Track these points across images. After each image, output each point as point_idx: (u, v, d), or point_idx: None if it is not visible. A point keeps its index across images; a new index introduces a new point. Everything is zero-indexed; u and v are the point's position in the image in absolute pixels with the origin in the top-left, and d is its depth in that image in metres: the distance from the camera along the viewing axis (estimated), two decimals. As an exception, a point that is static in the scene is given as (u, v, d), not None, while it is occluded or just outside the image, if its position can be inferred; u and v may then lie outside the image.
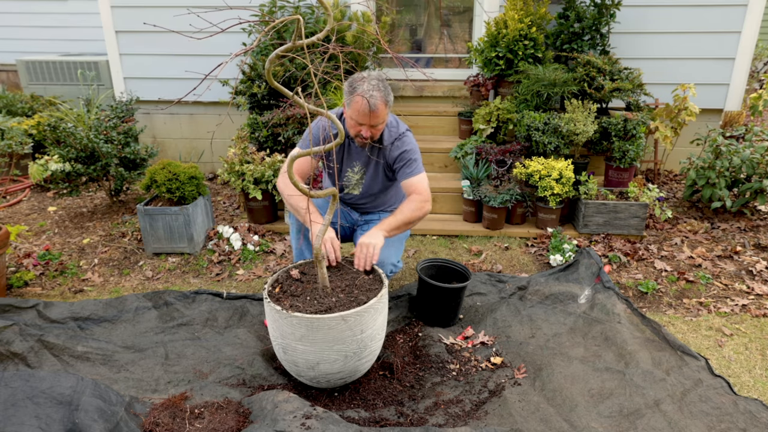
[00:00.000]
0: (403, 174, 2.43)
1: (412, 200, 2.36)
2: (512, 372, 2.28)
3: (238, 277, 3.17)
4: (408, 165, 2.41)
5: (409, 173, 2.41)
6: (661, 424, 1.96)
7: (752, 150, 3.63)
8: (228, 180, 3.64)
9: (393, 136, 2.43)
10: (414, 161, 2.42)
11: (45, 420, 1.66)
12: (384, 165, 2.49)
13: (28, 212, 4.18)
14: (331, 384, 2.10)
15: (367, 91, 2.18)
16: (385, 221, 2.33)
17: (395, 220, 2.31)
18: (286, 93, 1.71)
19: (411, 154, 2.42)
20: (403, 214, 2.33)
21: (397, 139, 2.43)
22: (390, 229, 2.31)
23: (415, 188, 2.38)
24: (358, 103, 2.20)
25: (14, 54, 6.18)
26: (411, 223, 2.35)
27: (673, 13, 4.29)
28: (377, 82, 2.22)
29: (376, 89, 2.19)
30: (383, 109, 2.22)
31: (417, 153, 2.45)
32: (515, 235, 3.67)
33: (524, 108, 3.95)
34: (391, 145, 2.43)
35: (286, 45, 1.59)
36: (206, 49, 3.97)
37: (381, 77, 2.26)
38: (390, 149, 2.43)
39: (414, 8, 5.10)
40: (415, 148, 2.46)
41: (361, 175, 2.56)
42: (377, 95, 2.18)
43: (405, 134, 2.46)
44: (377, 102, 2.18)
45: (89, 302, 2.67)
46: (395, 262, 2.46)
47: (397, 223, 2.31)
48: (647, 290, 2.95)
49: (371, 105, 2.16)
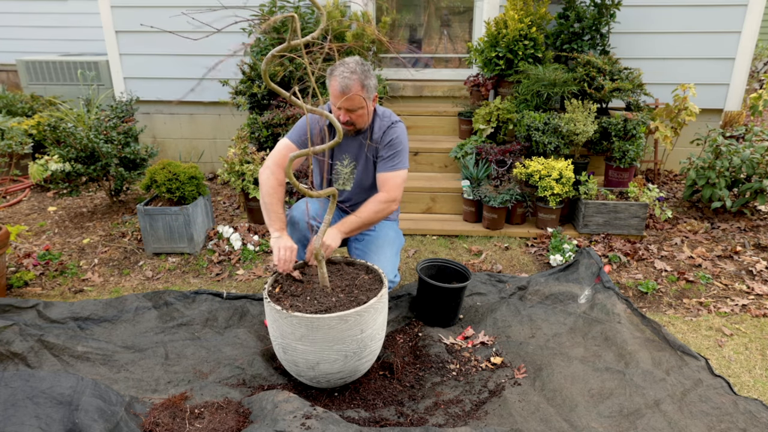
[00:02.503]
0: (381, 165, 2.35)
1: (377, 200, 2.31)
2: (512, 372, 2.28)
3: (238, 277, 3.17)
4: (390, 158, 2.34)
5: (388, 166, 2.34)
6: (661, 424, 1.96)
7: (752, 150, 3.63)
8: (228, 180, 3.64)
9: (385, 124, 2.38)
10: (397, 154, 2.35)
11: (45, 420, 1.66)
12: (374, 158, 2.43)
13: (28, 212, 4.18)
14: (331, 384, 2.10)
15: (342, 72, 2.14)
16: (346, 220, 2.28)
17: (356, 221, 2.27)
18: (283, 93, 1.71)
19: (397, 145, 2.35)
20: (364, 214, 2.28)
21: (389, 127, 2.38)
22: (349, 230, 2.28)
23: (386, 185, 2.32)
24: (332, 86, 2.17)
25: (14, 54, 6.18)
26: (372, 223, 2.33)
27: (673, 13, 4.29)
28: (354, 65, 2.18)
29: (351, 72, 2.15)
30: (358, 90, 2.16)
31: (404, 147, 2.38)
32: (515, 235, 3.67)
33: (524, 108, 3.95)
34: (382, 133, 2.37)
35: (282, 45, 1.59)
36: (207, 49, 3.97)
37: (360, 61, 2.21)
38: (381, 137, 2.38)
39: (414, 8, 5.10)
40: (404, 141, 2.39)
41: (352, 168, 2.48)
42: (352, 77, 2.14)
43: (396, 124, 2.40)
44: (351, 83, 2.13)
45: (89, 302, 2.67)
46: (392, 278, 2.38)
47: (358, 223, 2.27)
48: (647, 290, 2.95)
49: (343, 86, 2.13)
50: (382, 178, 2.34)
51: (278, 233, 2.23)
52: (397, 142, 2.35)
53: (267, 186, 2.29)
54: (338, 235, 2.24)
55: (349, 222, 2.28)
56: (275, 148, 2.40)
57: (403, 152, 2.37)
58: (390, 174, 2.33)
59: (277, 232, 2.24)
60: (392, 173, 2.33)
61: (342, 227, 2.26)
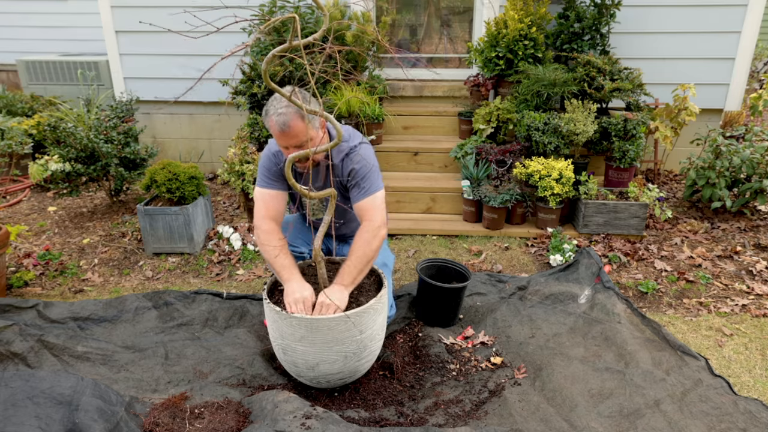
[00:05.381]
0: (354, 195, 2.16)
1: (363, 231, 2.09)
2: (512, 372, 2.28)
3: (238, 277, 3.17)
4: (358, 186, 2.14)
5: (360, 194, 2.14)
6: (661, 424, 1.96)
7: (752, 150, 3.63)
8: (228, 180, 3.64)
9: (342, 152, 2.17)
10: (364, 179, 2.14)
11: (45, 420, 1.66)
12: (339, 186, 2.22)
13: (28, 212, 4.18)
14: (331, 384, 2.10)
15: (276, 110, 1.97)
16: (344, 272, 2.04)
17: (353, 266, 2.04)
18: (283, 94, 1.71)
19: (362, 171, 2.14)
20: (358, 253, 2.05)
21: (347, 155, 2.16)
22: (352, 278, 2.04)
23: (366, 213, 2.12)
24: (271, 128, 1.99)
25: (14, 54, 6.19)
26: (371, 258, 2.08)
27: (673, 13, 4.29)
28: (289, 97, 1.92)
29: (285, 106, 1.96)
30: (298, 124, 1.97)
31: (369, 169, 2.16)
32: (515, 235, 3.67)
33: (524, 108, 3.95)
34: (341, 163, 2.17)
35: (282, 45, 1.59)
36: (207, 49, 3.98)
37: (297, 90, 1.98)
38: (341, 168, 2.18)
39: (414, 8, 5.10)
40: (368, 162, 2.16)
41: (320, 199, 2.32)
42: (288, 111, 1.95)
43: (355, 149, 2.17)
44: (287, 119, 1.95)
45: (89, 302, 2.67)
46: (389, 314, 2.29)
47: (358, 267, 2.04)
48: (647, 290, 2.95)
49: (281, 123, 1.96)
50: (360, 208, 2.15)
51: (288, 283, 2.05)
52: (360, 168, 2.15)
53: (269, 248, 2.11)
54: (343, 291, 2.02)
55: (347, 272, 2.04)
56: (255, 204, 2.22)
57: (371, 174, 2.16)
58: (365, 201, 2.14)
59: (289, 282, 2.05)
60: (367, 199, 2.14)
61: (342, 280, 2.04)
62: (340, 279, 2.04)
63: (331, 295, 1.97)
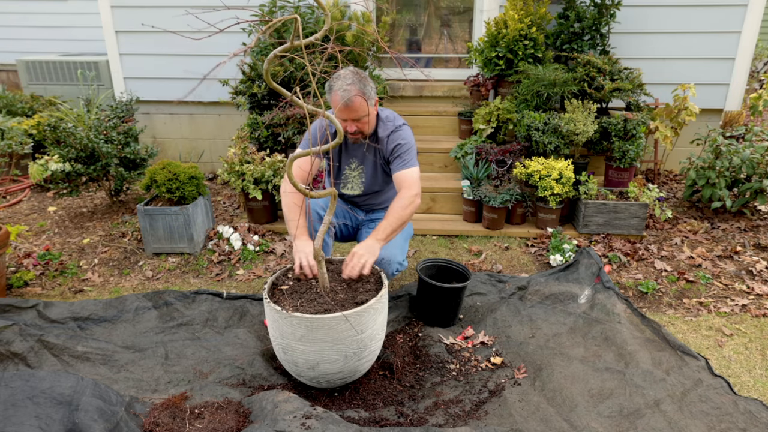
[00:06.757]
0: (395, 166, 2.43)
1: (401, 197, 2.33)
2: (512, 372, 2.28)
3: (238, 277, 3.17)
4: (400, 157, 2.42)
5: (401, 165, 2.41)
6: (661, 424, 1.96)
7: (752, 150, 3.63)
8: (228, 180, 3.64)
9: (389, 129, 2.45)
10: (406, 153, 2.42)
11: (45, 420, 1.66)
12: (381, 161, 2.50)
13: (28, 212, 4.18)
14: (331, 384, 2.10)
15: (341, 86, 2.22)
16: (380, 228, 2.26)
17: (389, 224, 2.26)
18: (285, 93, 1.71)
19: (405, 147, 2.43)
20: (394, 214, 2.28)
21: (393, 132, 2.45)
22: (386, 235, 2.25)
23: (406, 182, 2.37)
24: (334, 101, 2.25)
25: (14, 54, 6.19)
26: (405, 220, 2.32)
27: (673, 13, 4.29)
28: (351, 77, 2.25)
29: (349, 83, 2.22)
30: (360, 101, 2.24)
31: (411, 146, 2.45)
32: (515, 235, 3.67)
33: (524, 108, 3.95)
34: (387, 138, 2.45)
35: (284, 45, 1.59)
36: (207, 49, 3.98)
37: (356, 71, 2.28)
38: (386, 143, 2.45)
39: (414, 8, 5.10)
40: (410, 141, 2.46)
41: (359, 172, 2.57)
42: (351, 89, 2.22)
43: (401, 128, 2.47)
44: (351, 95, 2.21)
45: (89, 302, 2.67)
46: (401, 261, 2.46)
47: (392, 226, 2.26)
48: (647, 290, 2.95)
49: (345, 99, 2.21)
50: (399, 177, 2.40)
51: (298, 239, 2.25)
52: (404, 143, 2.43)
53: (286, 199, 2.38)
54: (376, 245, 2.21)
55: (383, 228, 2.25)
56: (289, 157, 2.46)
57: (412, 151, 2.44)
58: (405, 171, 2.39)
59: (297, 239, 2.25)
60: (407, 170, 2.40)
61: (378, 235, 2.23)
62: (375, 234, 2.24)
63: (368, 247, 2.18)
